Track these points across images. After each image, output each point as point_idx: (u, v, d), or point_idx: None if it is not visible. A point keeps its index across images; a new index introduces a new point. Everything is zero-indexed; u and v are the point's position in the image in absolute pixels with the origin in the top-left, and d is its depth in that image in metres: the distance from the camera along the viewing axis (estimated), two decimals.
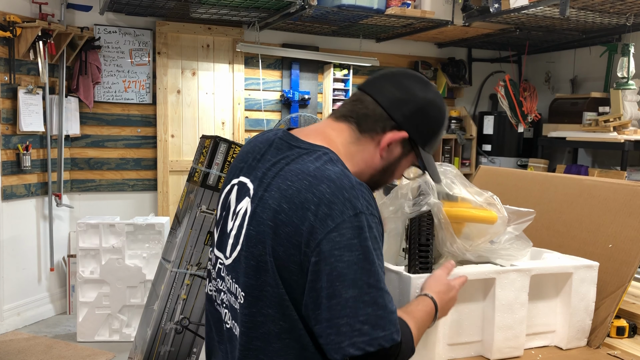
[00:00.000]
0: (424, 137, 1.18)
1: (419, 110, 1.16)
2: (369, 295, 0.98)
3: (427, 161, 1.21)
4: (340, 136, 1.16)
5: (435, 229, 1.36)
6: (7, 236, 4.11)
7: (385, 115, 1.15)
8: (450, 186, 1.42)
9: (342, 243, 0.98)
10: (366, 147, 1.16)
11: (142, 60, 4.69)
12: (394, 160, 1.18)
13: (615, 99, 4.41)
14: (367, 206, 1.03)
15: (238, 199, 1.16)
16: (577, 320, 1.44)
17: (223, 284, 1.18)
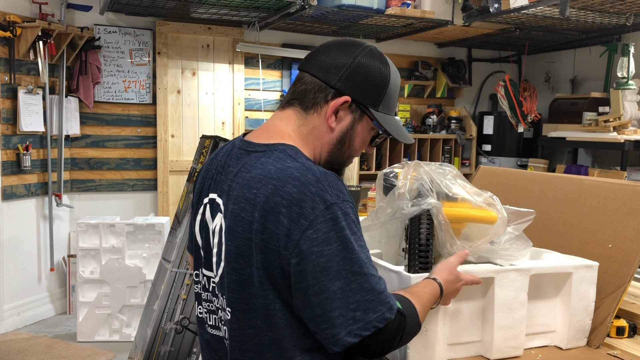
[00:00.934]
0: (370, 97, 1.14)
1: (355, 70, 1.13)
2: (355, 282, 1.00)
3: (386, 121, 1.18)
4: (288, 124, 1.16)
5: (435, 230, 1.36)
6: (7, 236, 4.11)
7: (323, 85, 1.13)
8: (450, 186, 1.42)
9: (319, 239, 0.99)
10: (315, 123, 1.15)
11: (142, 60, 4.69)
12: (346, 128, 1.16)
13: (615, 99, 4.41)
14: (337, 194, 1.03)
15: (212, 216, 1.16)
16: (577, 320, 1.44)
17: (217, 300, 1.17)
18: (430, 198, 1.36)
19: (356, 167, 5.15)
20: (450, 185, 1.42)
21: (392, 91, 1.18)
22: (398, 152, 5.32)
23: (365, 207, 3.49)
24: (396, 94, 1.20)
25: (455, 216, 1.37)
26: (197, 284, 1.25)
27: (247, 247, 1.04)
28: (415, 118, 5.59)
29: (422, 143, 5.45)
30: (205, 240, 1.18)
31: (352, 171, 5.19)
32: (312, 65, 1.16)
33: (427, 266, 1.38)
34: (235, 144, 1.20)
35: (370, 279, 1.01)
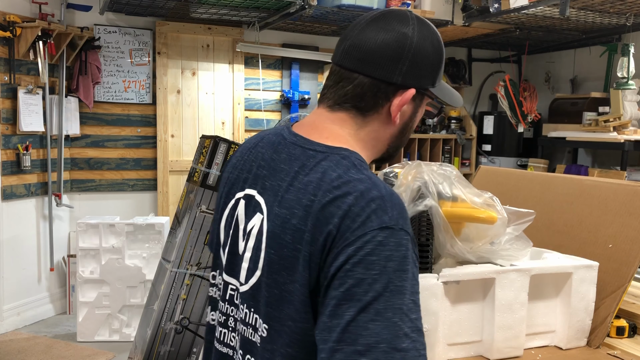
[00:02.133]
0: (431, 78, 1.03)
1: (415, 57, 0.99)
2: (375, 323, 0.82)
3: (443, 93, 1.08)
4: (343, 127, 1.01)
5: (435, 231, 1.36)
6: (7, 236, 4.11)
7: (382, 85, 0.99)
8: (450, 187, 1.42)
9: (357, 257, 0.84)
10: (375, 124, 1.02)
11: (142, 60, 4.69)
12: (409, 118, 1.06)
13: (615, 99, 4.41)
14: (397, 219, 0.87)
15: (248, 215, 1.01)
16: (577, 320, 1.44)
17: (237, 313, 1.02)
18: (429, 199, 1.36)
19: None
20: (450, 185, 1.42)
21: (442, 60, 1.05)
22: None
23: None
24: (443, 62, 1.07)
25: (455, 216, 1.37)
26: (214, 287, 1.10)
27: (293, 259, 0.90)
28: None
29: (422, 143, 5.45)
30: (232, 240, 1.04)
31: None
32: (362, 62, 0.98)
33: (427, 266, 1.38)
34: (283, 136, 1.03)
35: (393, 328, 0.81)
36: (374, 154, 1.05)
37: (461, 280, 1.32)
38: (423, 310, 1.09)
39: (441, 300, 1.29)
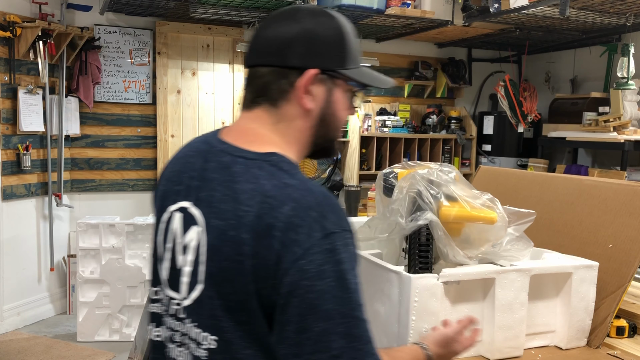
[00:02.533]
0: (336, 58, 1.01)
1: (308, 38, 0.99)
2: (343, 325, 0.87)
3: (360, 75, 1.04)
4: (262, 125, 1.02)
5: (436, 242, 1.36)
6: (7, 236, 4.11)
7: (282, 70, 0.99)
8: (449, 187, 1.42)
9: (311, 271, 0.86)
10: (290, 113, 1.01)
11: (142, 60, 4.69)
12: (325, 102, 1.02)
13: (615, 99, 4.41)
14: (337, 222, 0.90)
15: (185, 228, 1.00)
16: (577, 320, 1.44)
17: (182, 327, 1.02)
18: (428, 212, 1.35)
19: (356, 167, 5.15)
20: (449, 186, 1.42)
21: (352, 41, 1.04)
22: (398, 152, 5.32)
23: (365, 207, 3.49)
24: (356, 43, 1.05)
25: (455, 216, 1.37)
26: (156, 303, 1.08)
27: (235, 271, 0.91)
28: (415, 118, 5.59)
29: (422, 143, 5.45)
30: (172, 254, 1.03)
31: (352, 171, 5.20)
32: (260, 54, 1.01)
33: (427, 266, 1.38)
34: (211, 144, 1.04)
35: (360, 325, 0.88)
36: (301, 149, 1.04)
37: (461, 280, 1.32)
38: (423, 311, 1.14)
39: (441, 300, 1.30)
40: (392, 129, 5.28)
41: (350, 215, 3.51)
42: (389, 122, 5.27)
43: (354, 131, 5.20)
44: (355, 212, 3.52)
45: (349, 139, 5.27)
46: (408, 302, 1.26)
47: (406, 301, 1.26)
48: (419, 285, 1.26)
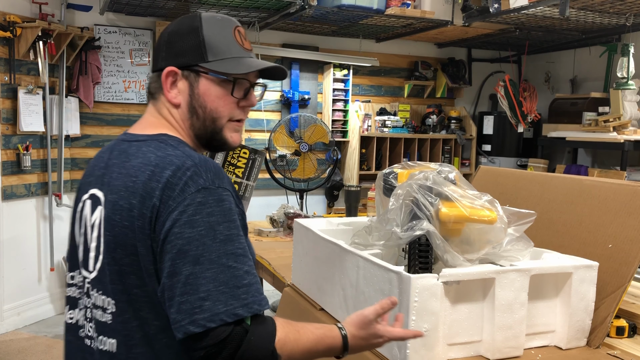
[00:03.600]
0: (191, 55, 1.12)
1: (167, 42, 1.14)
2: (211, 270, 0.95)
3: (224, 66, 1.12)
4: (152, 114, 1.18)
5: (435, 251, 1.36)
6: (7, 236, 4.11)
7: (156, 74, 1.16)
8: (449, 188, 1.42)
9: (182, 220, 0.97)
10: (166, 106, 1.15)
11: (142, 60, 4.69)
12: (188, 95, 1.13)
13: (615, 99, 4.41)
14: (212, 180, 1.01)
15: (92, 210, 1.11)
16: (577, 320, 1.44)
17: (89, 301, 1.11)
18: (424, 222, 1.35)
19: (356, 167, 5.16)
20: (449, 188, 1.42)
21: (212, 36, 1.12)
22: (398, 152, 5.32)
23: (365, 207, 3.49)
24: (221, 37, 1.13)
25: (455, 216, 1.37)
26: (72, 287, 1.17)
27: (125, 236, 1.02)
28: (415, 118, 5.60)
29: (422, 143, 5.46)
30: (84, 237, 1.13)
31: (352, 171, 5.20)
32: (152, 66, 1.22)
33: (427, 266, 1.38)
34: (118, 138, 1.18)
35: (227, 271, 0.96)
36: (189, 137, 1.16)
37: (461, 280, 1.32)
38: (423, 310, 1.15)
39: (441, 300, 1.30)
40: (392, 129, 5.28)
41: (350, 215, 3.51)
42: (389, 122, 5.28)
43: (354, 131, 5.21)
44: (355, 212, 3.51)
45: (349, 139, 5.28)
46: (408, 302, 1.26)
47: (406, 301, 1.26)
48: (419, 285, 1.26)
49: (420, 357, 1.29)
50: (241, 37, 1.16)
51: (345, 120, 5.28)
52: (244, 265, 0.98)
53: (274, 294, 4.46)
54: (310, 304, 1.78)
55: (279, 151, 4.80)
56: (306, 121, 4.77)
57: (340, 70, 5.22)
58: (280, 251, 2.61)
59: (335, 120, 5.24)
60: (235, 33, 1.16)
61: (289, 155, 4.76)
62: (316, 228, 1.76)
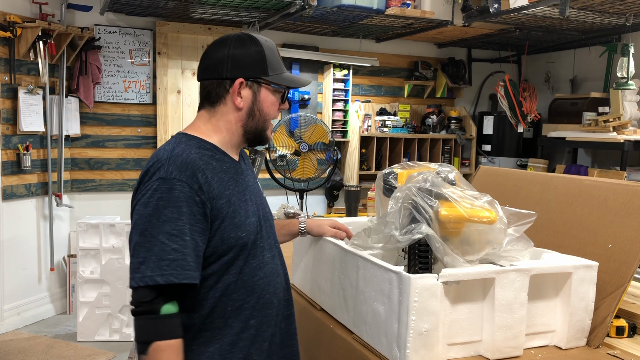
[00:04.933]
0: (257, 69, 1.38)
1: (234, 56, 1.37)
2: (148, 242, 1.21)
3: (280, 79, 1.41)
4: (200, 120, 1.43)
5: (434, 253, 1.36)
6: (8, 236, 4.11)
7: (218, 82, 1.38)
8: (448, 189, 1.42)
9: (141, 201, 1.25)
10: (224, 110, 1.40)
11: (142, 60, 4.69)
12: (251, 101, 1.39)
13: (614, 99, 4.41)
14: (172, 172, 1.25)
15: None
16: (577, 320, 1.44)
17: None
18: (423, 225, 1.35)
19: (356, 167, 5.16)
20: (448, 188, 1.42)
21: (271, 56, 1.40)
22: (398, 152, 5.32)
23: (365, 207, 3.49)
24: (276, 57, 1.42)
25: (455, 216, 1.37)
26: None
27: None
28: (415, 118, 5.60)
29: (422, 143, 5.46)
30: None
31: (352, 171, 5.20)
32: (202, 73, 1.42)
33: (426, 266, 1.38)
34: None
35: (160, 246, 1.21)
36: (230, 136, 1.41)
37: (461, 280, 1.32)
38: (423, 310, 1.17)
39: (441, 300, 1.30)
40: (392, 129, 5.28)
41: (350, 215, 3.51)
42: (389, 122, 5.28)
43: (354, 131, 5.21)
44: (355, 212, 3.52)
45: (349, 139, 5.28)
46: (408, 302, 1.26)
47: (406, 301, 1.27)
48: (418, 285, 1.26)
49: (420, 357, 1.29)
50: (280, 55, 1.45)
51: (345, 120, 5.28)
52: (174, 244, 1.21)
53: None
54: (310, 304, 1.78)
55: (279, 151, 4.81)
56: (306, 121, 4.77)
57: (340, 70, 5.22)
58: None
59: (335, 120, 5.24)
60: (278, 53, 1.45)
61: (289, 155, 4.77)
62: None
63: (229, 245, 1.31)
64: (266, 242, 1.42)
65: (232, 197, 1.33)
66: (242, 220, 1.33)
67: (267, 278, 1.39)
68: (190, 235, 1.23)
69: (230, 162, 1.39)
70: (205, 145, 1.36)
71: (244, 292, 1.34)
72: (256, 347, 1.36)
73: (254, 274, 1.36)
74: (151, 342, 1.19)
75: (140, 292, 1.20)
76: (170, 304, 1.22)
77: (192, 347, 1.29)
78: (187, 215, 1.23)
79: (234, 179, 1.37)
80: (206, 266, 1.29)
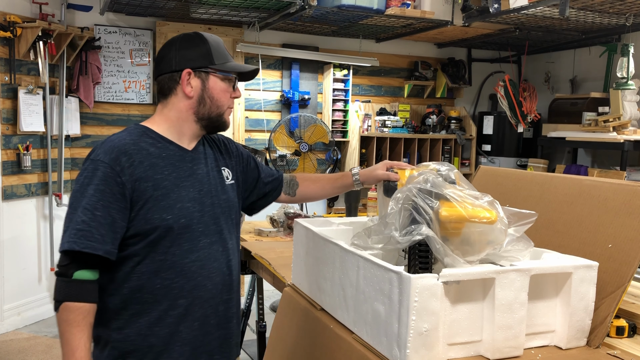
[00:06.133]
0: (202, 59, 1.50)
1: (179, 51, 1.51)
2: (73, 214, 1.38)
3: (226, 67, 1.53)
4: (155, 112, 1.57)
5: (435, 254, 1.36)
6: (8, 236, 4.12)
7: (169, 75, 1.51)
8: (449, 188, 1.42)
9: (77, 178, 1.43)
10: (174, 101, 1.52)
11: (142, 60, 4.69)
12: (200, 89, 1.51)
13: (614, 99, 4.42)
14: (99, 154, 1.41)
15: None
16: (577, 320, 1.44)
17: None
18: (423, 226, 1.35)
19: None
20: (449, 188, 1.42)
21: (216, 48, 1.52)
22: (398, 152, 5.32)
23: (365, 207, 3.49)
24: (221, 49, 1.54)
25: (455, 216, 1.37)
26: None
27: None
28: (415, 118, 5.60)
29: (422, 143, 5.46)
30: None
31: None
32: (156, 71, 1.56)
33: (426, 266, 1.38)
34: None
35: (75, 217, 1.37)
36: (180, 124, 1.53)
37: (461, 280, 1.32)
38: (423, 310, 1.17)
39: (441, 300, 1.30)
40: (392, 129, 5.28)
41: (350, 215, 3.51)
42: (389, 122, 5.28)
43: (354, 131, 5.21)
44: (356, 212, 3.52)
45: (349, 139, 5.28)
46: (408, 302, 1.26)
47: (406, 301, 1.27)
48: (419, 285, 1.26)
49: (420, 357, 1.29)
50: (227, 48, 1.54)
51: (345, 120, 5.28)
52: (84, 216, 1.36)
53: (274, 294, 4.46)
54: (310, 304, 1.78)
55: (279, 151, 4.81)
56: (306, 121, 4.78)
57: (340, 70, 5.23)
58: (280, 251, 2.61)
59: (335, 120, 5.24)
60: (224, 46, 1.56)
61: (289, 155, 4.77)
62: (316, 228, 1.76)
63: (152, 226, 1.42)
64: (206, 228, 1.50)
65: (164, 182, 1.45)
66: (170, 204, 1.44)
67: (200, 262, 1.48)
68: (105, 211, 1.38)
69: (175, 150, 1.51)
70: (149, 133, 1.50)
71: (173, 273, 1.45)
72: (186, 325, 1.47)
73: (184, 256, 1.46)
74: (62, 302, 1.35)
75: (60, 257, 1.38)
76: (84, 270, 1.36)
77: (123, 316, 1.44)
78: (105, 193, 1.38)
79: (173, 165, 1.48)
80: (133, 244, 1.42)
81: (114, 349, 1.44)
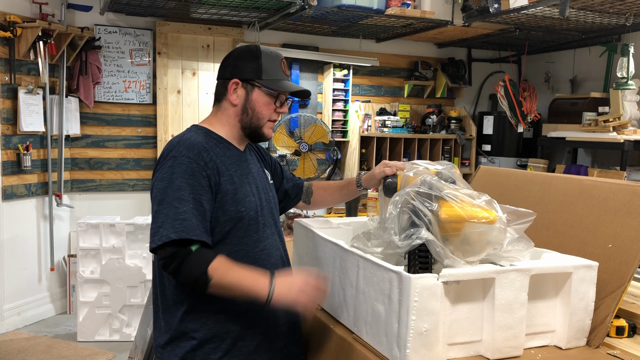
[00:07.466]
0: (251, 72, 1.61)
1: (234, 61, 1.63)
2: (165, 209, 1.43)
3: (271, 84, 1.62)
4: (211, 114, 1.69)
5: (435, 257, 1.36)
6: (8, 236, 4.12)
7: (221, 81, 1.65)
8: (448, 190, 1.42)
9: (158, 177, 1.49)
10: (225, 106, 1.65)
11: (143, 60, 4.69)
12: (244, 99, 1.62)
13: (614, 99, 4.42)
14: (181, 152, 1.50)
15: None
16: (577, 320, 1.44)
17: None
18: (423, 230, 1.35)
19: (356, 167, 5.16)
20: (448, 188, 1.42)
21: (267, 62, 1.62)
22: (398, 152, 5.32)
23: (365, 207, 3.49)
24: (274, 66, 1.64)
25: (455, 216, 1.37)
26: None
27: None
28: (415, 118, 5.60)
29: (422, 143, 5.46)
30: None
31: (352, 171, 5.20)
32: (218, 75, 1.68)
33: (427, 266, 1.38)
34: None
35: (173, 209, 1.43)
36: (232, 128, 1.65)
37: (461, 280, 1.32)
38: (423, 310, 1.17)
39: (441, 300, 1.30)
40: (392, 129, 5.28)
41: (350, 215, 3.52)
42: (389, 122, 5.28)
43: (354, 131, 5.21)
44: (356, 212, 3.52)
45: (349, 139, 5.28)
46: (408, 302, 1.26)
47: (406, 301, 1.27)
48: (419, 285, 1.26)
49: (420, 356, 1.29)
50: (284, 66, 1.67)
51: (345, 120, 5.29)
52: (184, 207, 1.43)
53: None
54: None
55: (279, 151, 4.81)
56: (306, 121, 4.78)
57: (340, 70, 5.23)
58: None
59: (335, 120, 5.24)
60: (280, 63, 1.67)
61: (289, 155, 4.77)
62: (316, 228, 1.76)
63: (229, 217, 1.53)
64: (267, 220, 1.64)
65: (234, 177, 1.56)
66: (241, 197, 1.56)
67: (267, 250, 1.62)
68: (197, 202, 1.45)
69: (234, 150, 1.63)
70: (211, 134, 1.61)
71: (246, 261, 1.53)
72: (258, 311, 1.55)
73: (254, 245, 1.58)
74: (206, 271, 1.40)
75: (162, 251, 1.41)
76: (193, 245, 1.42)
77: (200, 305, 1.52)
78: (195, 186, 1.46)
79: (236, 163, 1.60)
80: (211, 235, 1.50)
81: (192, 338, 1.52)
